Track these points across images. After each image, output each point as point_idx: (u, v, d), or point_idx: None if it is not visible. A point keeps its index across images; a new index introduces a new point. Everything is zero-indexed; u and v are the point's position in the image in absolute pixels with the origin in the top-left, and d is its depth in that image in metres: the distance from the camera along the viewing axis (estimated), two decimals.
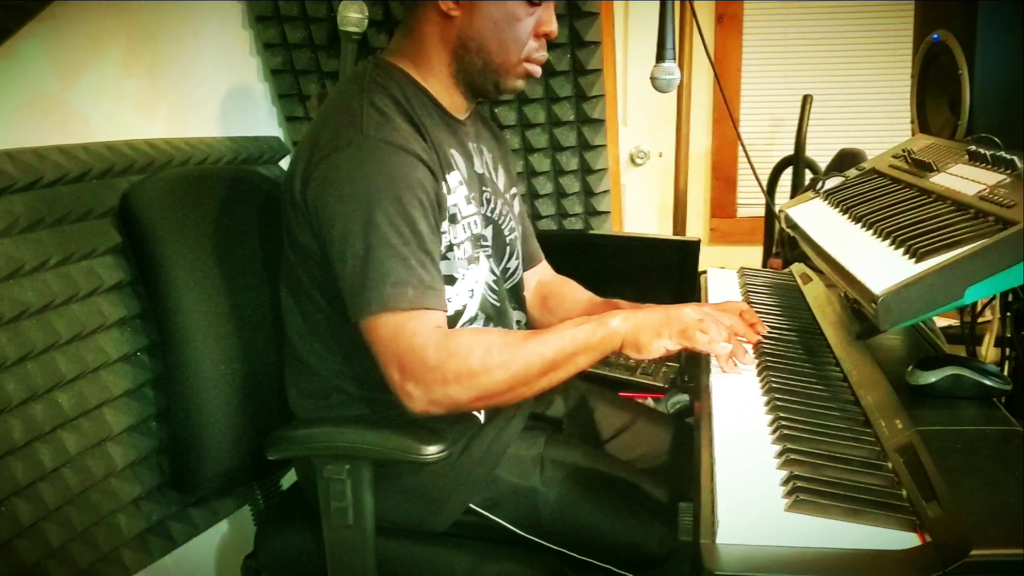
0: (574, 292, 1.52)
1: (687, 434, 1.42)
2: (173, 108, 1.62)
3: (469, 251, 1.24)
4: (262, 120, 1.97)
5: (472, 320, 1.26)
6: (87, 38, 1.41)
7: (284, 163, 1.83)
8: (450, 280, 1.21)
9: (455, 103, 1.28)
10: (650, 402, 1.80)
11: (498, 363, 1.10)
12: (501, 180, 1.39)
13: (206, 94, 1.73)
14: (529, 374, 1.11)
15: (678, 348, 1.11)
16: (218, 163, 1.58)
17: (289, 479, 1.47)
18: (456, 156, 1.25)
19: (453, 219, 1.21)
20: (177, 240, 1.27)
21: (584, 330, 1.13)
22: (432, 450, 1.13)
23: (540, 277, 1.55)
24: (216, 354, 1.29)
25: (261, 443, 1.24)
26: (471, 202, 1.26)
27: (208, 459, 1.29)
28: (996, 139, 1.13)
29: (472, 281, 1.25)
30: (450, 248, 1.21)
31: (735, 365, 1.09)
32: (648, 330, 1.12)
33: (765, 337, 1.18)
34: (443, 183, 1.19)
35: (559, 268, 1.59)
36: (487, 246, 1.30)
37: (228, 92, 1.80)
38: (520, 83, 1.26)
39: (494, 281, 1.31)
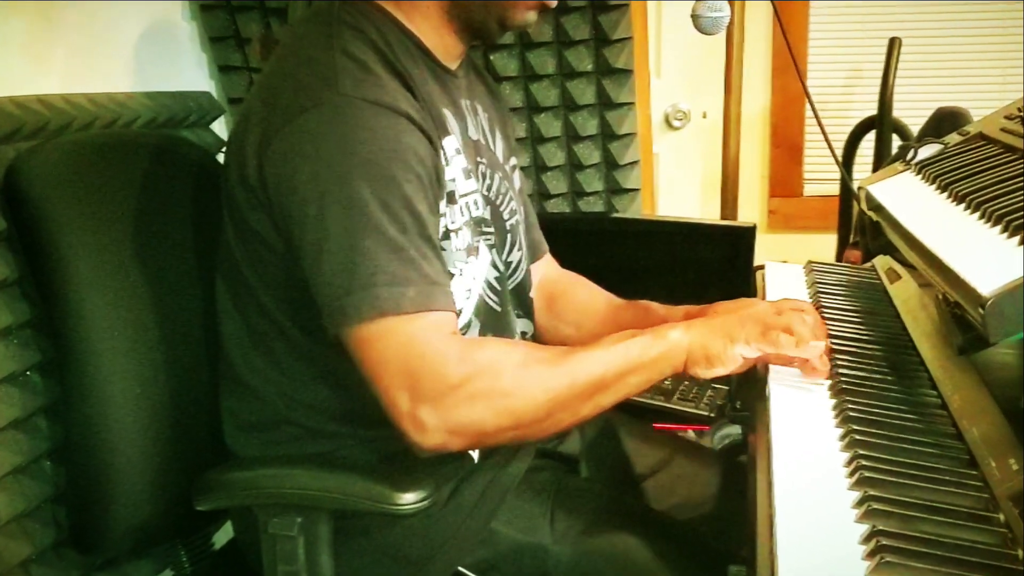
0: (588, 292, 1.53)
1: (739, 476, 1.42)
2: (73, 55, 1.62)
3: (468, 239, 1.25)
4: (188, 71, 1.97)
5: (465, 329, 1.26)
6: None
7: (217, 126, 1.83)
8: None
9: (447, 48, 1.28)
10: (691, 435, 1.80)
11: (536, 382, 1.10)
12: (499, 148, 1.39)
13: (115, 37, 1.73)
14: (572, 396, 1.12)
15: (758, 356, 1.14)
16: (132, 125, 1.58)
17: (224, 535, 1.47)
18: (450, 117, 1.26)
19: (451, 198, 1.21)
20: (79, 225, 1.27)
21: (638, 343, 1.14)
22: (409, 498, 1.13)
23: (544, 274, 1.56)
24: (129, 374, 1.29)
25: (188, 489, 1.24)
26: (470, 176, 1.26)
27: (118, 510, 1.28)
28: None
29: (470, 278, 1.26)
30: (446, 235, 1.21)
31: (823, 367, 1.12)
32: (718, 337, 1.14)
33: (838, 352, 1.19)
34: (440, 151, 1.19)
35: (574, 263, 1.59)
36: (489, 233, 1.30)
37: (144, 34, 1.80)
38: (531, 17, 1.27)
39: (496, 278, 1.31)
